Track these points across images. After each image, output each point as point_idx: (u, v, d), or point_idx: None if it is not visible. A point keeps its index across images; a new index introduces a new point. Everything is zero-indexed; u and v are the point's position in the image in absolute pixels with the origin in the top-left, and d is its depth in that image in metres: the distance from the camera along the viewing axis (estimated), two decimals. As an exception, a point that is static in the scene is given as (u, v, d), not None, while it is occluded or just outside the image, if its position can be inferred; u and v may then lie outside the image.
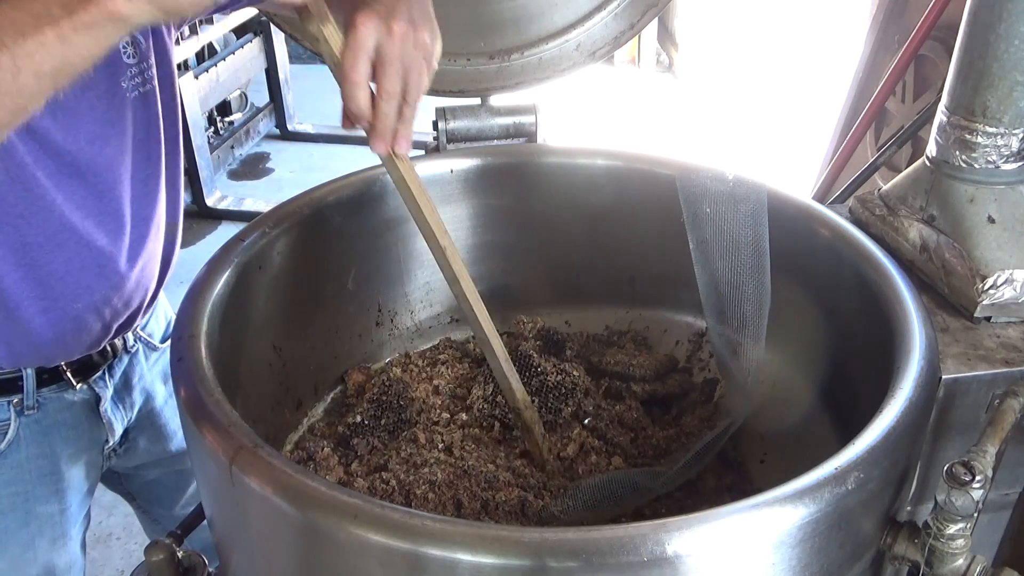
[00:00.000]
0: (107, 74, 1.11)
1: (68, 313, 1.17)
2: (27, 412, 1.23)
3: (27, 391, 1.21)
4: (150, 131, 1.20)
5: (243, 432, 0.81)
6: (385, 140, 0.94)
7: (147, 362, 1.41)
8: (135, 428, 1.42)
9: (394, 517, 0.71)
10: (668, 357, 1.34)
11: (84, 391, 1.29)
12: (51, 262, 1.12)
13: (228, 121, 5.14)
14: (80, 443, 1.31)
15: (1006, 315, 1.13)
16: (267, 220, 1.17)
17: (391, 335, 1.37)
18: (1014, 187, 1.17)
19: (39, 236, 1.10)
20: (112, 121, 1.13)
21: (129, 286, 1.23)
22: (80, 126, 1.09)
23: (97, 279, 1.18)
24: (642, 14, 1.38)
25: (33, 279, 1.12)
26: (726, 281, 1.06)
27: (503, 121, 1.41)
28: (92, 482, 1.38)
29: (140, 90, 1.17)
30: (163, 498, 1.57)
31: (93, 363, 1.28)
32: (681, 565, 0.70)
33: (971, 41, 1.14)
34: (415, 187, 1.00)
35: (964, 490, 0.81)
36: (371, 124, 0.93)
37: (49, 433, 1.27)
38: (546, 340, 1.33)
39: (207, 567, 1.05)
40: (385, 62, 0.90)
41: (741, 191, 1.06)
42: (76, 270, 1.15)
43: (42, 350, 1.19)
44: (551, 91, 1.46)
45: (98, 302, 1.20)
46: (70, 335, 1.20)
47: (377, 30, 0.89)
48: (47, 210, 1.09)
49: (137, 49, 1.16)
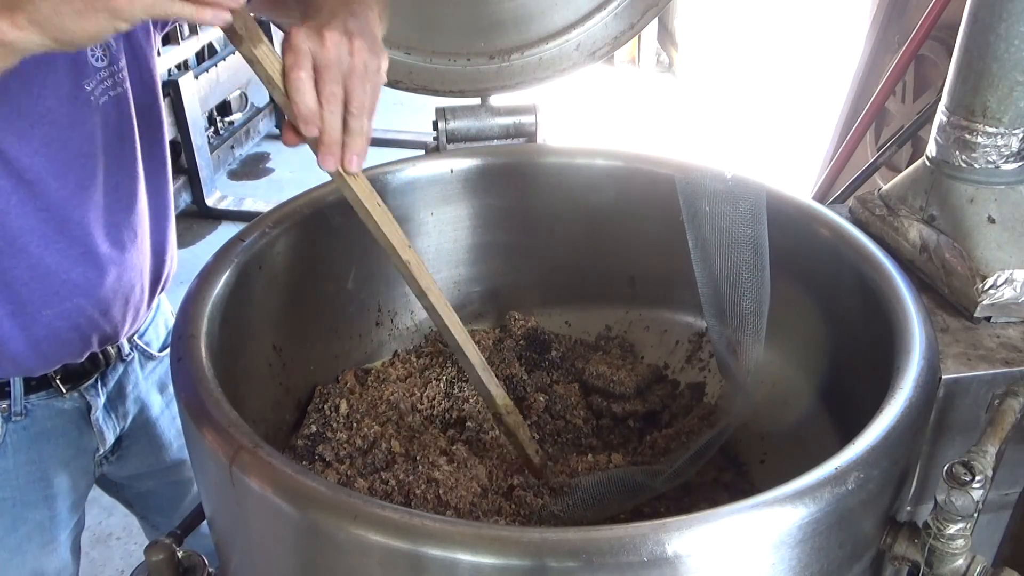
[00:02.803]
0: (69, 77, 1.09)
1: (38, 320, 1.15)
2: (15, 419, 1.21)
3: (14, 397, 1.20)
4: (123, 134, 1.18)
5: (243, 432, 0.81)
6: (333, 154, 0.90)
7: (143, 371, 1.39)
8: (128, 437, 1.41)
9: (394, 517, 0.71)
10: (651, 368, 1.33)
11: (75, 399, 1.27)
12: (14, 267, 1.10)
13: (228, 121, 5.14)
14: (70, 451, 1.30)
15: (1006, 315, 1.13)
16: (267, 220, 1.17)
17: (391, 335, 1.37)
18: (1014, 187, 1.17)
19: (1, 240, 1.08)
20: (73, 125, 1.10)
21: (104, 295, 1.20)
22: (35, 129, 1.06)
23: (65, 286, 1.15)
24: (642, 14, 1.38)
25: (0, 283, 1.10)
26: (725, 279, 1.06)
27: (503, 121, 1.41)
28: (83, 489, 1.37)
29: (111, 93, 1.14)
30: (161, 508, 1.56)
31: (84, 371, 1.27)
32: (681, 565, 0.70)
33: (971, 41, 1.14)
34: (371, 205, 0.96)
35: (964, 490, 0.81)
36: (318, 137, 0.90)
37: (38, 440, 1.25)
38: (531, 340, 1.34)
39: (207, 567, 1.05)
40: (320, 68, 0.88)
41: (740, 190, 1.06)
42: (40, 276, 1.13)
43: (19, 359, 1.17)
44: (551, 91, 1.46)
45: (70, 310, 1.17)
46: (44, 344, 1.17)
47: (309, 39, 0.88)
48: (4, 214, 1.07)
49: (107, 52, 1.13)
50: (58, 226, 1.12)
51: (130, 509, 1.61)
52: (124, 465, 1.43)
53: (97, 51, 1.12)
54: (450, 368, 1.27)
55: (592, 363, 1.31)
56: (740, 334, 1.06)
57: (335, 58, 0.88)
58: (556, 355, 1.33)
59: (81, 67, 1.10)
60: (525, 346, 1.33)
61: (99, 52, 1.12)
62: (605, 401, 1.27)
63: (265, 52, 0.88)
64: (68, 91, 1.09)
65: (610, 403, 1.27)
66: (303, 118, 0.88)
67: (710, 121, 5.28)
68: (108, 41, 1.13)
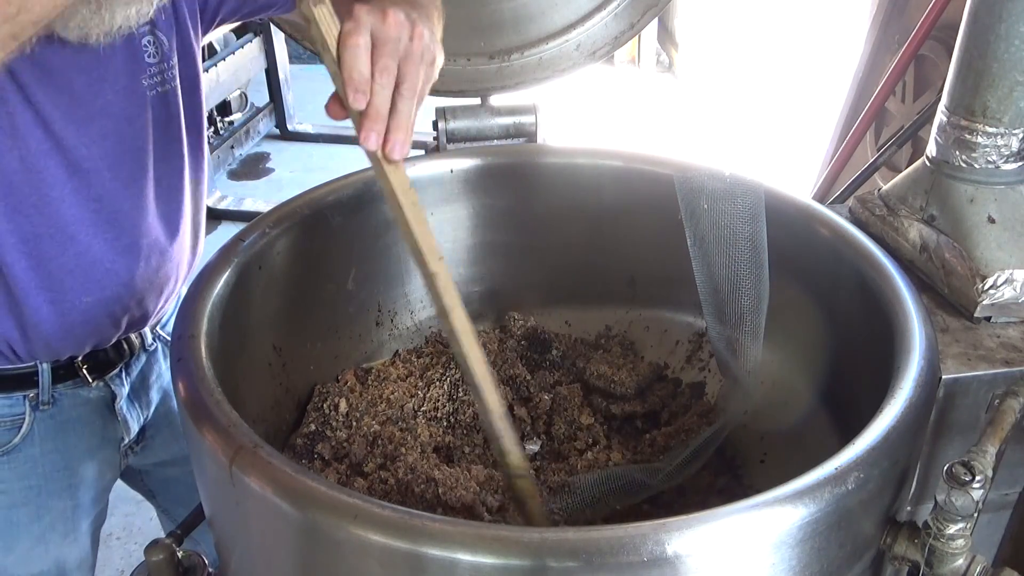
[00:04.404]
0: (126, 72, 1.12)
1: (77, 306, 1.17)
2: (42, 407, 1.23)
3: (42, 386, 1.22)
4: (169, 131, 1.21)
5: (243, 432, 0.81)
6: (377, 131, 0.85)
7: (165, 361, 1.41)
8: (152, 426, 1.42)
9: (394, 517, 0.71)
10: (652, 366, 1.33)
11: (100, 388, 1.29)
12: (61, 255, 1.13)
13: (228, 121, 5.14)
14: (94, 440, 1.32)
15: (1006, 315, 1.13)
16: (267, 220, 1.17)
17: (391, 335, 1.37)
18: (1014, 187, 1.17)
19: (50, 228, 1.10)
20: (129, 119, 1.14)
21: (143, 285, 1.23)
22: (95, 122, 1.10)
23: (108, 275, 1.18)
24: (642, 14, 1.38)
25: (42, 270, 1.12)
26: (724, 276, 1.06)
27: (503, 121, 1.41)
28: (108, 479, 1.39)
29: (159, 89, 1.17)
30: (182, 496, 1.56)
31: (109, 360, 1.29)
32: (681, 565, 0.70)
33: (971, 41, 1.14)
34: (406, 201, 0.87)
35: (964, 490, 0.81)
36: (364, 109, 0.85)
37: (63, 429, 1.27)
38: (531, 341, 1.34)
39: (207, 567, 1.05)
40: (378, 42, 0.85)
41: (738, 188, 1.06)
42: (86, 264, 1.15)
43: (51, 342, 1.19)
44: (551, 91, 1.46)
45: (109, 298, 1.20)
46: (79, 328, 1.20)
47: (371, 14, 0.86)
48: (59, 201, 1.10)
49: (159, 49, 1.17)
50: (109, 216, 1.15)
51: (152, 501, 1.62)
52: (148, 454, 1.45)
53: (150, 47, 1.15)
54: (453, 370, 1.27)
55: (593, 363, 1.31)
56: (739, 331, 1.06)
57: (395, 36, 0.86)
58: (556, 355, 1.33)
59: (137, 62, 1.14)
60: (526, 346, 1.33)
61: (151, 48, 1.15)
62: (605, 401, 1.27)
63: (324, 13, 0.84)
64: (125, 85, 1.12)
65: (610, 404, 1.27)
66: (354, 84, 0.84)
67: (710, 121, 5.28)
68: (159, 37, 1.17)
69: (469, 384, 0.93)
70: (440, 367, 1.30)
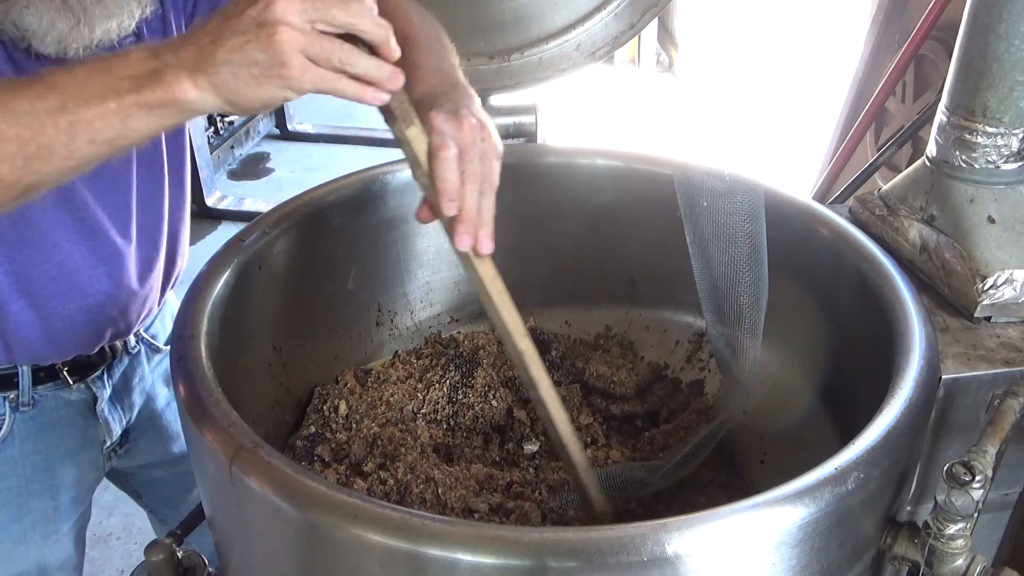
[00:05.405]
0: None
1: (58, 314, 1.17)
2: (22, 409, 1.23)
3: (22, 388, 1.22)
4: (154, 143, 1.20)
5: (243, 432, 0.81)
6: (470, 232, 0.92)
7: (148, 364, 1.40)
8: (135, 429, 1.42)
9: (394, 517, 0.71)
10: (652, 367, 1.33)
11: (81, 390, 1.29)
12: (45, 262, 1.12)
13: (228, 121, 5.12)
14: (76, 442, 1.31)
15: (1006, 315, 1.13)
16: (267, 220, 1.17)
17: (391, 335, 1.37)
18: (1014, 187, 1.17)
19: (35, 235, 1.10)
20: None
21: (125, 296, 1.23)
22: None
23: (89, 284, 1.17)
24: (642, 14, 1.38)
25: (25, 277, 1.12)
26: (723, 274, 1.07)
27: (503, 121, 1.41)
28: (91, 481, 1.38)
29: None
30: (169, 498, 1.57)
31: (91, 363, 1.28)
32: (681, 565, 0.70)
33: (971, 41, 1.14)
34: (494, 289, 0.97)
35: (964, 490, 0.81)
36: (457, 214, 0.91)
37: (44, 430, 1.27)
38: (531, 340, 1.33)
39: (207, 567, 1.05)
40: (461, 151, 0.91)
41: (738, 187, 1.06)
42: (68, 273, 1.15)
43: (34, 349, 1.19)
44: (551, 91, 1.46)
45: (91, 307, 1.19)
46: (60, 336, 1.20)
47: (448, 123, 0.91)
48: (41, 210, 1.09)
49: None
50: (92, 224, 1.15)
51: (139, 501, 1.62)
52: (133, 456, 1.45)
53: None
54: (452, 372, 1.27)
55: (592, 363, 1.30)
56: (738, 329, 1.06)
57: (472, 141, 0.92)
58: (556, 355, 1.33)
59: None
60: (526, 347, 1.33)
61: None
62: (605, 402, 1.27)
63: (415, 133, 0.90)
64: None
65: (610, 404, 1.27)
66: (448, 195, 0.90)
67: (710, 121, 5.28)
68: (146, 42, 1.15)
69: (556, 443, 1.04)
70: (439, 369, 1.30)
